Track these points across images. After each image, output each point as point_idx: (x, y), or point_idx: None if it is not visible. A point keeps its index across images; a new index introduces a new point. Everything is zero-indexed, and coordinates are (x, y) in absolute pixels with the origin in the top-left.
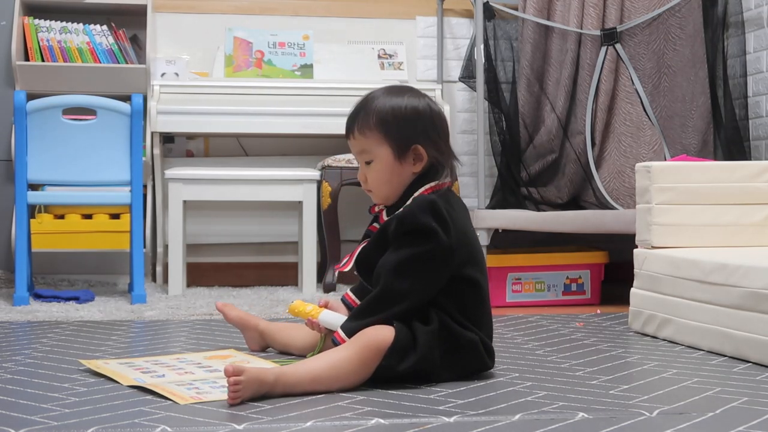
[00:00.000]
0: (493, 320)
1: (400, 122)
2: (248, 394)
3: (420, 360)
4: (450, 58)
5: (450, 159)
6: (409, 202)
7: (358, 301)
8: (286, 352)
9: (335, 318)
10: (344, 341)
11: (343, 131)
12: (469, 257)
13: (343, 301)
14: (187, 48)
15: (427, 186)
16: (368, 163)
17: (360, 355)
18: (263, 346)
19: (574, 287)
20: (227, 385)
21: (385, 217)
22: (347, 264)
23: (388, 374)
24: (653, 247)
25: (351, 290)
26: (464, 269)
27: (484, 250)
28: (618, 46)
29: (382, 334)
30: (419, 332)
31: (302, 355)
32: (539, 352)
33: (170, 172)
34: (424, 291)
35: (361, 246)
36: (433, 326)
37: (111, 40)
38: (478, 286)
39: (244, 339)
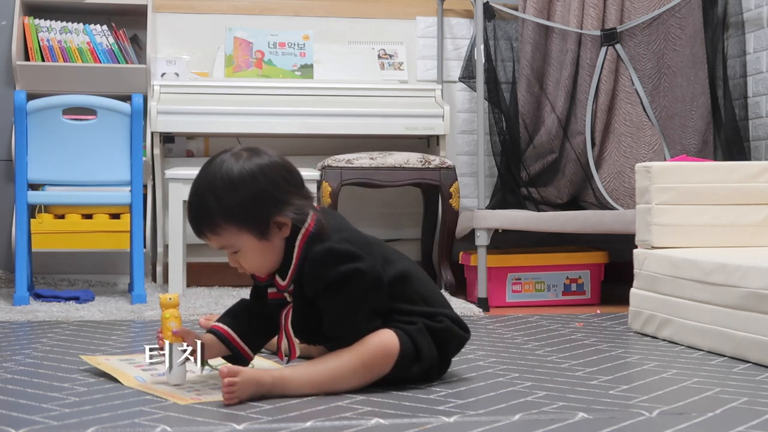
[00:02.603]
0: (493, 320)
1: (246, 205)
2: (245, 396)
3: (426, 361)
4: (450, 58)
5: (307, 200)
6: (298, 261)
7: (234, 335)
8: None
9: (176, 372)
10: None
11: (343, 131)
12: (382, 260)
13: (216, 333)
14: (187, 48)
15: (300, 237)
16: (236, 252)
17: (365, 362)
18: None
19: (574, 287)
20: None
21: (279, 280)
22: (293, 352)
23: (398, 379)
24: (653, 248)
25: (223, 321)
26: (387, 272)
27: (484, 250)
28: (618, 46)
29: (387, 340)
30: (414, 334)
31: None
32: (539, 352)
33: (170, 172)
34: (377, 314)
35: (289, 322)
36: (419, 325)
37: (111, 40)
38: (407, 275)
39: None
